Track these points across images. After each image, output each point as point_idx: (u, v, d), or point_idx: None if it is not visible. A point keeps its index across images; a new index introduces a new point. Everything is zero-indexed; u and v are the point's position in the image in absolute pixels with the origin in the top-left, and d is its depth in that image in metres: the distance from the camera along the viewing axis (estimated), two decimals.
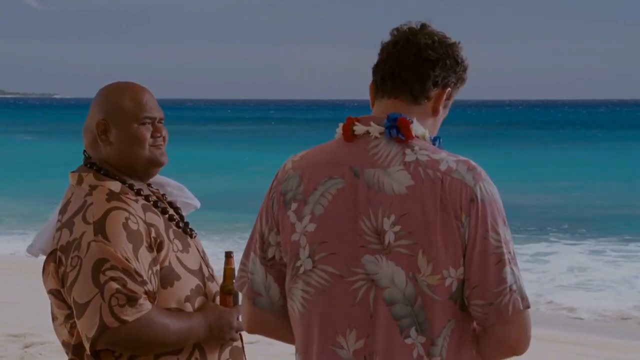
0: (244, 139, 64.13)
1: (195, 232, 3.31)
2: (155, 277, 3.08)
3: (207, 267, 3.27)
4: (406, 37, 2.77)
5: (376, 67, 2.81)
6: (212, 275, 3.28)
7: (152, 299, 3.07)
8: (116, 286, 2.99)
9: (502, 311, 2.64)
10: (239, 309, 3.21)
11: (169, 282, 3.12)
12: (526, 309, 2.66)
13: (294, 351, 2.83)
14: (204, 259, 3.28)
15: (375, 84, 2.81)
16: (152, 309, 3.03)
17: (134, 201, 3.15)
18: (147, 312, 3.01)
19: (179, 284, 3.14)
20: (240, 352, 3.28)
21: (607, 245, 18.93)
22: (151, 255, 3.08)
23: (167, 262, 3.12)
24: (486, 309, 2.64)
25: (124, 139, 3.20)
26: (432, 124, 2.80)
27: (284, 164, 2.83)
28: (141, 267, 3.04)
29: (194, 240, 3.28)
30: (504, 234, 2.65)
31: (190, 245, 3.24)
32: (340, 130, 2.79)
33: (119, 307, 2.99)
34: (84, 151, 3.28)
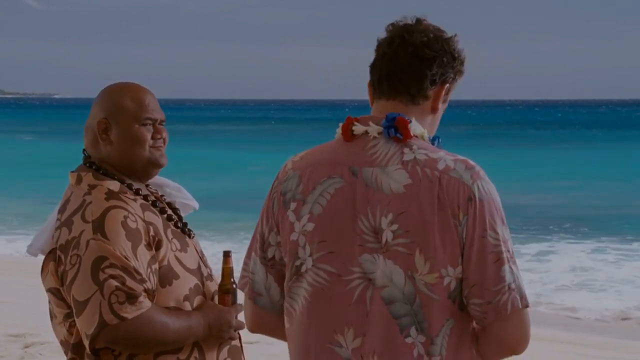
0: (244, 139, 64.10)
1: (193, 232, 3.32)
2: (154, 275, 3.08)
3: (206, 267, 3.28)
4: (401, 35, 2.74)
5: (372, 66, 2.79)
6: (210, 274, 3.29)
7: (151, 297, 3.07)
8: (115, 284, 3.00)
9: (500, 310, 2.63)
10: (237, 308, 3.21)
11: (168, 281, 3.12)
12: (525, 307, 2.66)
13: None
14: (202, 259, 3.28)
15: (372, 84, 2.79)
16: (152, 307, 3.04)
17: (133, 200, 3.16)
18: (146, 310, 3.01)
19: (178, 283, 3.14)
20: (238, 351, 3.28)
21: (609, 245, 18.91)
22: (150, 253, 3.09)
23: (166, 261, 3.13)
24: (485, 307, 2.64)
25: (124, 139, 3.20)
26: (431, 121, 2.79)
27: (285, 164, 2.83)
28: (140, 265, 3.04)
29: (192, 240, 3.29)
30: (502, 233, 2.64)
31: (188, 244, 3.24)
32: (340, 130, 2.79)
33: (118, 304, 2.99)
34: (83, 150, 3.28)
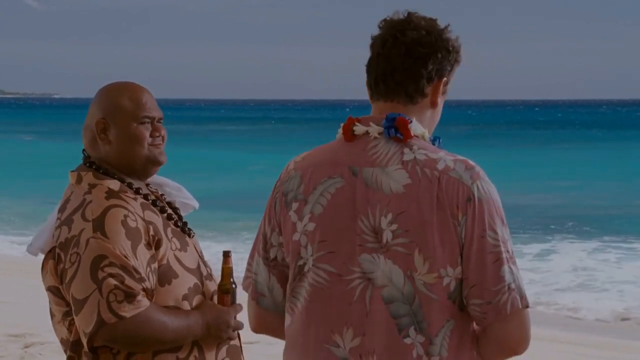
0: (244, 139, 64.11)
1: (193, 232, 3.32)
2: (153, 274, 3.08)
3: (205, 266, 3.28)
4: (394, 35, 2.72)
5: (368, 66, 2.77)
6: (210, 274, 3.28)
7: (150, 296, 3.07)
8: (114, 282, 3.00)
9: (500, 310, 2.63)
10: (236, 308, 3.21)
11: (167, 280, 3.12)
12: (525, 308, 2.65)
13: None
14: (202, 258, 3.28)
15: (369, 86, 2.78)
16: (150, 306, 3.04)
17: (133, 199, 3.16)
18: (145, 309, 3.01)
19: (177, 282, 3.14)
20: (238, 350, 3.28)
21: (609, 245, 18.91)
22: (149, 252, 3.09)
23: (165, 260, 3.13)
24: (484, 307, 2.63)
25: (123, 138, 3.20)
26: (431, 115, 2.78)
27: (287, 165, 2.83)
28: (139, 264, 3.04)
29: (192, 239, 3.29)
30: (501, 233, 2.64)
31: (188, 244, 3.24)
32: (341, 130, 2.78)
33: (117, 303, 2.99)
34: (83, 150, 3.28)
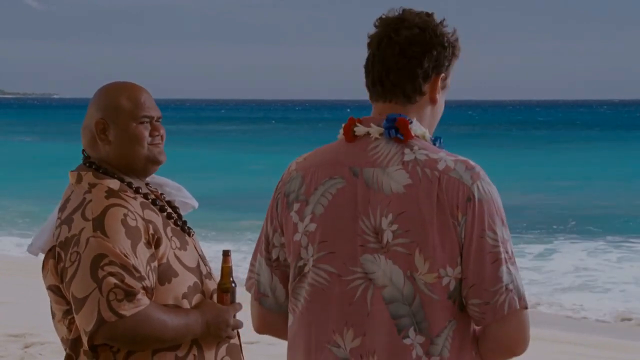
0: (244, 139, 64.14)
1: (193, 231, 3.32)
2: (153, 273, 3.09)
3: (205, 265, 3.28)
4: (388, 35, 2.70)
5: (365, 67, 2.76)
6: (210, 273, 3.29)
7: (149, 295, 3.08)
8: (114, 281, 3.00)
9: (498, 310, 2.62)
10: (235, 307, 3.22)
11: (167, 278, 3.13)
12: (523, 308, 2.64)
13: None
14: (202, 257, 3.29)
15: (367, 87, 2.78)
16: (150, 305, 3.04)
17: (133, 198, 3.17)
18: (144, 308, 3.02)
19: (177, 281, 3.14)
20: (237, 349, 3.29)
21: (610, 245, 18.90)
22: (149, 251, 3.09)
23: (165, 259, 3.13)
24: (483, 308, 2.63)
25: (122, 138, 3.21)
26: (431, 112, 2.77)
27: (289, 166, 2.84)
28: (139, 263, 3.05)
29: (192, 238, 3.29)
30: (501, 233, 2.63)
31: (188, 243, 3.25)
32: (342, 130, 2.78)
33: (116, 301, 3.00)
34: (82, 150, 3.29)
